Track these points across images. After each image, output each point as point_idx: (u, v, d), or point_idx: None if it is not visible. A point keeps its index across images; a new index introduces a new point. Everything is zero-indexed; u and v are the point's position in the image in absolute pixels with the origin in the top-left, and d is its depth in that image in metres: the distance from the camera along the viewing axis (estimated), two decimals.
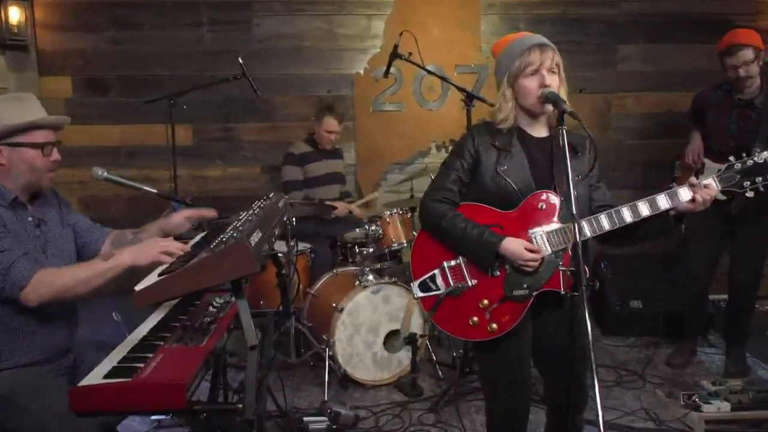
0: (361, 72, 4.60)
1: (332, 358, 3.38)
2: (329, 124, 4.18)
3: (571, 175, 1.77)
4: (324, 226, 4.18)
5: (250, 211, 2.05)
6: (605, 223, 1.93)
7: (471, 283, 2.01)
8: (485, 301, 1.99)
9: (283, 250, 3.47)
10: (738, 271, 3.55)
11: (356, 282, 3.55)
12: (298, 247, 3.54)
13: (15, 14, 4.15)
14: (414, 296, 2.10)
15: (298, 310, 3.72)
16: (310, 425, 2.86)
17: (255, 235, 1.71)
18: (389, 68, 3.65)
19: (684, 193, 1.92)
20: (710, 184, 1.92)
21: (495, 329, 1.98)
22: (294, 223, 3.16)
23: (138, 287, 1.68)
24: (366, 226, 3.74)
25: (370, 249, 3.73)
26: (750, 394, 2.97)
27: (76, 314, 2.22)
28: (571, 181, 1.76)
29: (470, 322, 2.01)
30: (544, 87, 1.91)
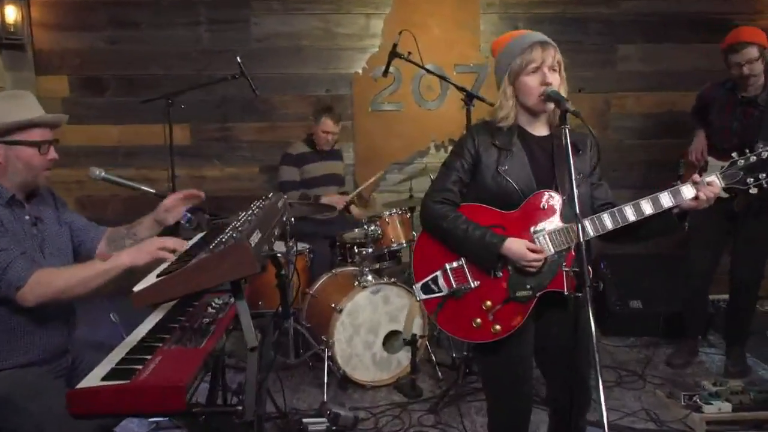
0: (360, 71, 4.59)
1: (331, 359, 3.36)
2: (326, 124, 4.17)
3: (574, 174, 1.76)
4: (322, 226, 4.17)
5: (249, 212, 2.03)
6: (608, 223, 1.92)
7: (473, 284, 1.99)
8: (488, 303, 1.97)
9: (282, 251, 3.46)
10: (740, 269, 3.53)
11: (355, 282, 3.53)
12: (297, 248, 3.52)
13: (11, 13, 4.13)
14: (416, 298, 2.09)
15: (296, 310, 3.70)
16: (310, 426, 2.85)
17: (255, 236, 1.69)
18: (388, 67, 3.64)
19: (687, 191, 1.90)
20: (713, 181, 1.91)
21: (498, 330, 1.97)
22: (292, 223, 3.14)
23: (136, 288, 1.66)
24: (365, 226, 3.73)
25: (370, 249, 3.71)
26: (751, 395, 2.96)
27: (74, 315, 2.21)
28: (574, 181, 1.74)
29: (473, 324, 1.99)
30: (546, 85, 1.90)
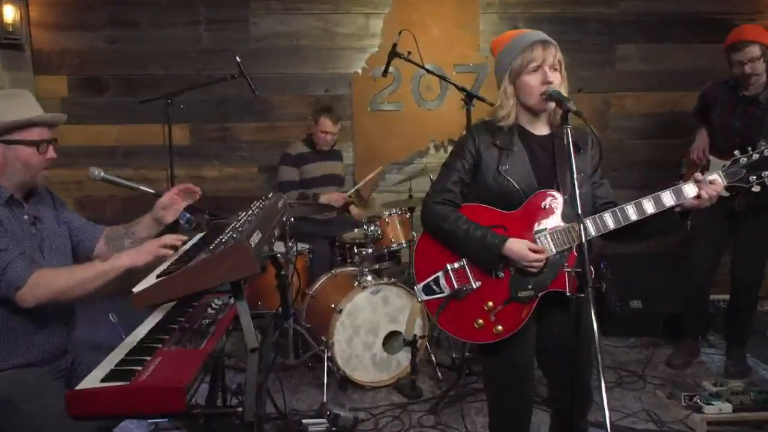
0: (359, 71, 4.58)
1: (331, 360, 3.35)
2: (324, 124, 4.16)
3: (576, 173, 1.75)
4: (322, 226, 4.16)
5: (249, 212, 2.03)
6: (610, 222, 1.91)
7: (475, 285, 1.98)
8: (490, 303, 1.96)
9: (282, 251, 3.44)
10: (740, 268, 3.52)
11: (355, 283, 3.52)
12: (296, 248, 3.51)
13: (9, 13, 4.12)
14: (418, 299, 2.08)
15: (296, 311, 3.69)
16: (309, 427, 2.84)
17: (255, 236, 1.68)
18: (388, 67, 3.63)
19: (689, 189, 1.90)
20: (716, 179, 1.90)
21: (501, 331, 1.96)
22: (292, 222, 3.13)
23: (136, 289, 1.65)
24: (365, 227, 3.72)
25: (369, 249, 3.71)
26: (751, 395, 2.96)
27: (73, 315, 2.20)
28: (576, 182, 1.73)
29: (475, 325, 1.98)
30: (547, 84, 1.89)
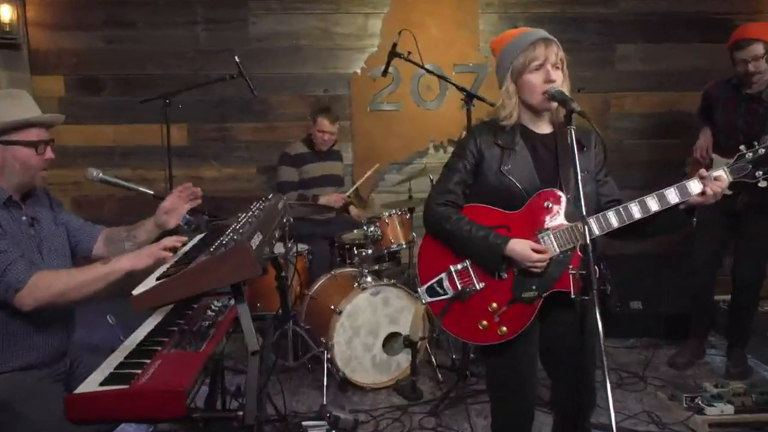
0: (359, 71, 4.56)
1: (331, 361, 3.33)
2: (322, 124, 4.14)
3: (579, 172, 1.73)
4: (322, 226, 4.15)
5: (249, 213, 2.01)
6: (614, 221, 1.89)
7: (479, 286, 1.97)
8: (494, 305, 1.95)
9: (281, 252, 3.42)
10: (742, 267, 3.51)
11: (355, 284, 3.50)
12: (296, 249, 3.49)
13: (6, 12, 4.09)
14: (422, 302, 2.06)
15: (295, 312, 3.67)
16: (309, 429, 2.82)
17: (256, 238, 1.67)
18: (388, 67, 3.61)
19: (694, 186, 1.88)
20: (721, 176, 1.88)
21: (505, 332, 1.94)
22: (291, 223, 3.10)
23: (136, 291, 1.64)
24: (365, 227, 3.70)
25: (369, 250, 3.69)
26: (753, 397, 2.95)
27: (73, 318, 2.19)
28: (580, 182, 1.71)
29: (480, 326, 1.96)
30: (549, 82, 1.87)
